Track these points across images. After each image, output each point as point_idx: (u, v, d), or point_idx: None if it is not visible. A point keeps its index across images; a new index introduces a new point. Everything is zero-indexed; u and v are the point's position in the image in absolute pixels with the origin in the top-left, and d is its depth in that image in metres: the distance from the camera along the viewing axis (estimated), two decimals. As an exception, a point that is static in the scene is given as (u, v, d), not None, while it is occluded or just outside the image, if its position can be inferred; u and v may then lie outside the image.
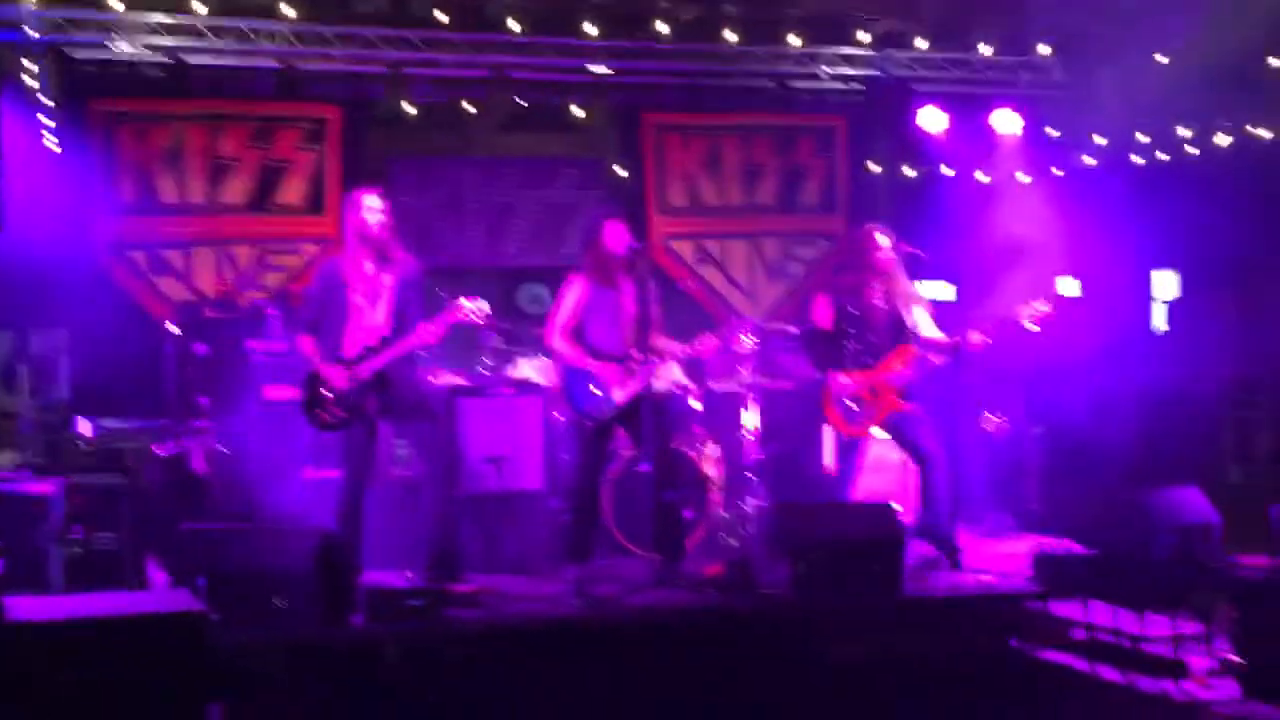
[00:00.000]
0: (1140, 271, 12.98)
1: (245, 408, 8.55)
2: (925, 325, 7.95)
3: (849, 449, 8.00)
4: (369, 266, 7.15)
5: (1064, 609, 7.64)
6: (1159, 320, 13.13)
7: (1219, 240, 11.86)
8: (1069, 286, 12.09)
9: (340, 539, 6.79)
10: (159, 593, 6.09)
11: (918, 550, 7.48)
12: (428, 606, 6.26)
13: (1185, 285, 12.97)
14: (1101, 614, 7.42)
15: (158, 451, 8.38)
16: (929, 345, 7.86)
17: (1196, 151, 12.07)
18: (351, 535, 7.08)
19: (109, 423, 9.99)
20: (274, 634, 6.03)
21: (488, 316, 7.04)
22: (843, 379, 7.83)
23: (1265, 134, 11.55)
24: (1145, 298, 13.15)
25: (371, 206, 7.13)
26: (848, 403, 7.84)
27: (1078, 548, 7.21)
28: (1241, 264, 12.36)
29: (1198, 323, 12.67)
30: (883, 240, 7.93)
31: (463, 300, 6.98)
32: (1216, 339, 12.48)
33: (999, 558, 7.82)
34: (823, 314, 7.99)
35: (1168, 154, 12.30)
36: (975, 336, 7.65)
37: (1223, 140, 11.94)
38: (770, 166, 12.10)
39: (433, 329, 6.98)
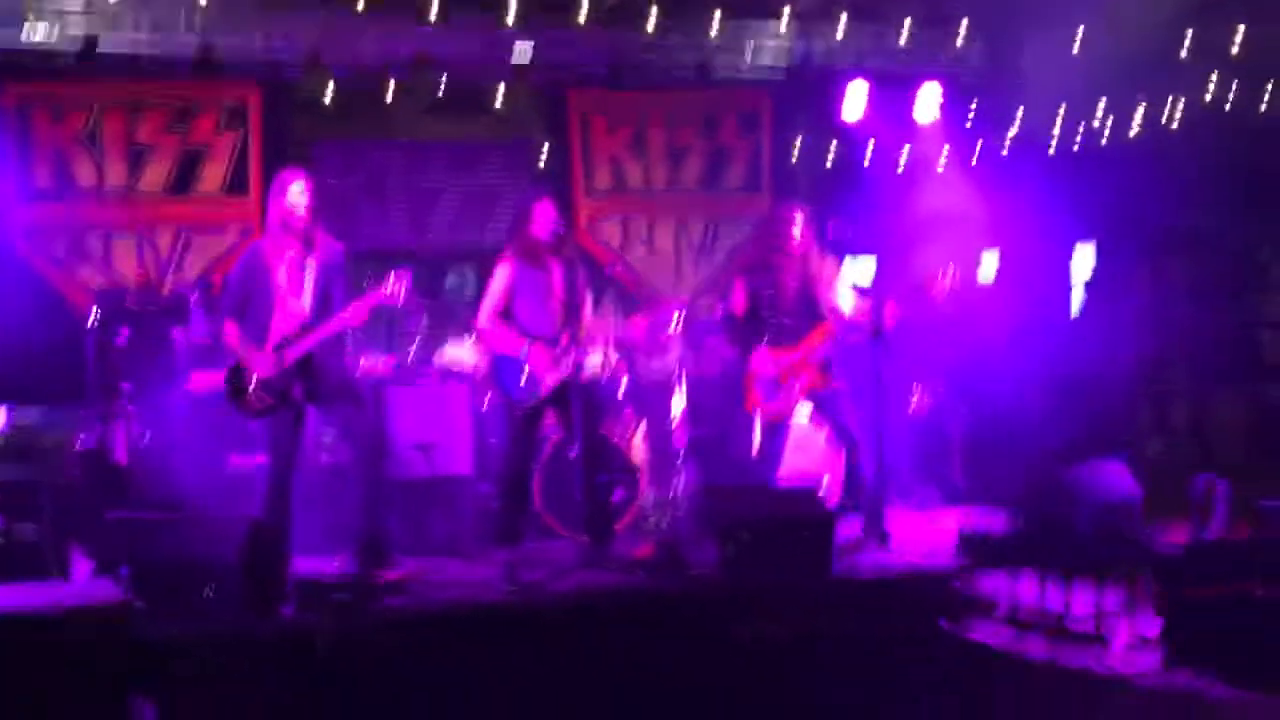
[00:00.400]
0: (1061, 248, 13.13)
1: (168, 396, 8.44)
2: (845, 302, 7.99)
3: (773, 430, 8.04)
4: (292, 251, 7.07)
5: (991, 585, 7.75)
6: (1078, 300, 13.31)
7: (1135, 216, 12.05)
8: (990, 260, 12.24)
9: (268, 527, 6.72)
10: (81, 584, 6.00)
11: (844, 530, 7.52)
12: (355, 594, 6.21)
13: (1101, 260, 13.14)
14: (1028, 588, 7.53)
15: (79, 440, 8.25)
16: (846, 322, 7.91)
17: (1111, 129, 12.23)
18: (279, 523, 7.02)
19: (26, 412, 9.85)
20: (201, 625, 5.94)
21: (409, 295, 6.98)
22: (762, 360, 7.86)
23: (1181, 111, 11.73)
24: (1065, 276, 13.32)
25: (297, 191, 7.04)
26: (768, 384, 7.86)
27: (1003, 523, 7.26)
28: (1156, 239, 12.57)
29: (1114, 298, 12.86)
30: (796, 220, 7.95)
31: (388, 281, 6.93)
32: (1132, 314, 12.68)
33: (926, 534, 7.89)
34: (738, 298, 8.01)
35: (1086, 132, 12.45)
36: (889, 310, 7.70)
37: (1140, 117, 12.11)
38: (695, 148, 12.11)
39: (356, 311, 6.92)
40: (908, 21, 12.03)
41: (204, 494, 7.96)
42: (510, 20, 10.98)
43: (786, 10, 11.70)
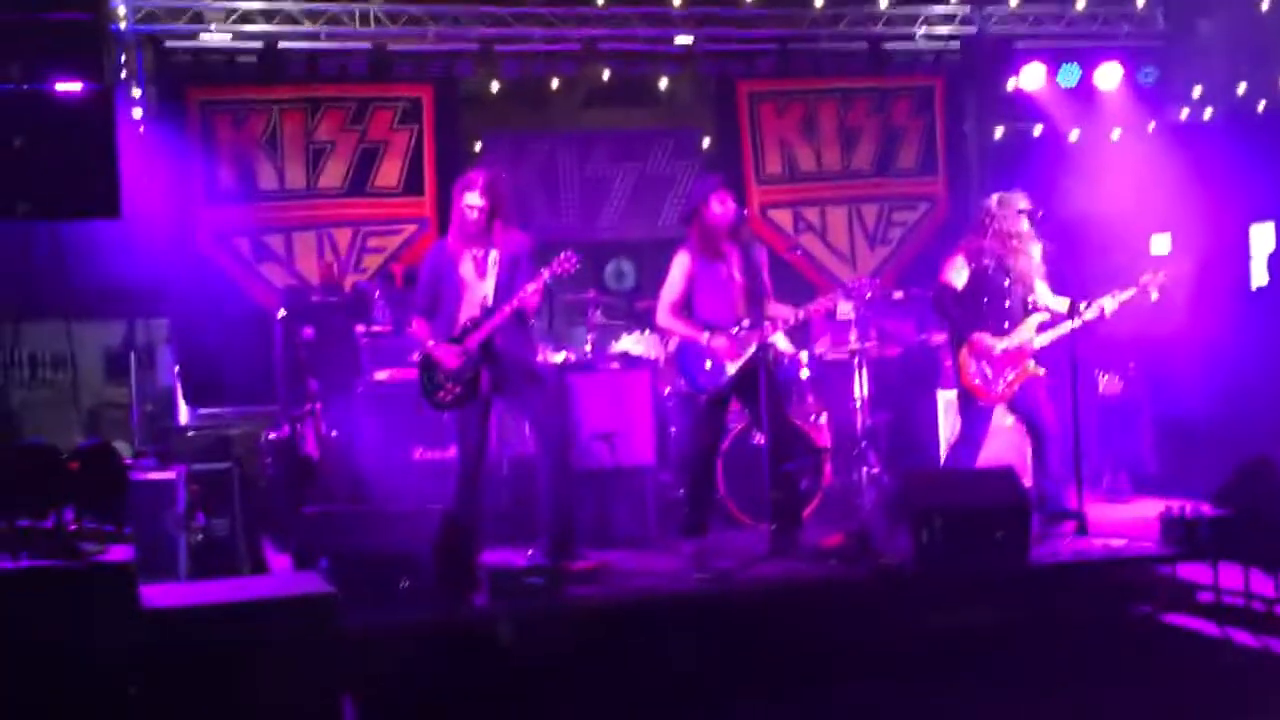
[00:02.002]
0: (1239, 226, 12.69)
1: (354, 391, 8.56)
2: (1044, 292, 7.78)
3: (978, 415, 7.80)
4: (475, 248, 7.11)
5: (1192, 572, 7.48)
6: (1259, 275, 12.85)
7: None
8: (1162, 244, 11.87)
9: (459, 518, 6.75)
10: (286, 576, 6.10)
11: (1038, 517, 7.31)
12: (548, 584, 6.21)
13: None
14: (1232, 577, 7.26)
15: (269, 436, 8.42)
16: (1058, 314, 7.69)
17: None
18: (469, 514, 7.06)
19: (214, 410, 10.12)
20: (397, 615, 6.00)
21: (575, 261, 6.95)
22: (989, 342, 7.65)
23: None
24: (1244, 253, 12.87)
25: (469, 202, 7.07)
26: (988, 368, 7.66)
27: (1206, 509, 6.99)
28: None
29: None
30: (1025, 205, 7.73)
31: (557, 259, 6.94)
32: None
33: (1123, 522, 7.64)
34: (957, 274, 7.78)
35: (1269, 102, 11.99)
36: (1109, 304, 7.48)
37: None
38: (867, 130, 11.93)
39: (533, 286, 6.91)
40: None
41: (391, 487, 8.07)
42: (675, 7, 10.96)
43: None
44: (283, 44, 10.48)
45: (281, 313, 8.90)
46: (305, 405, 8.24)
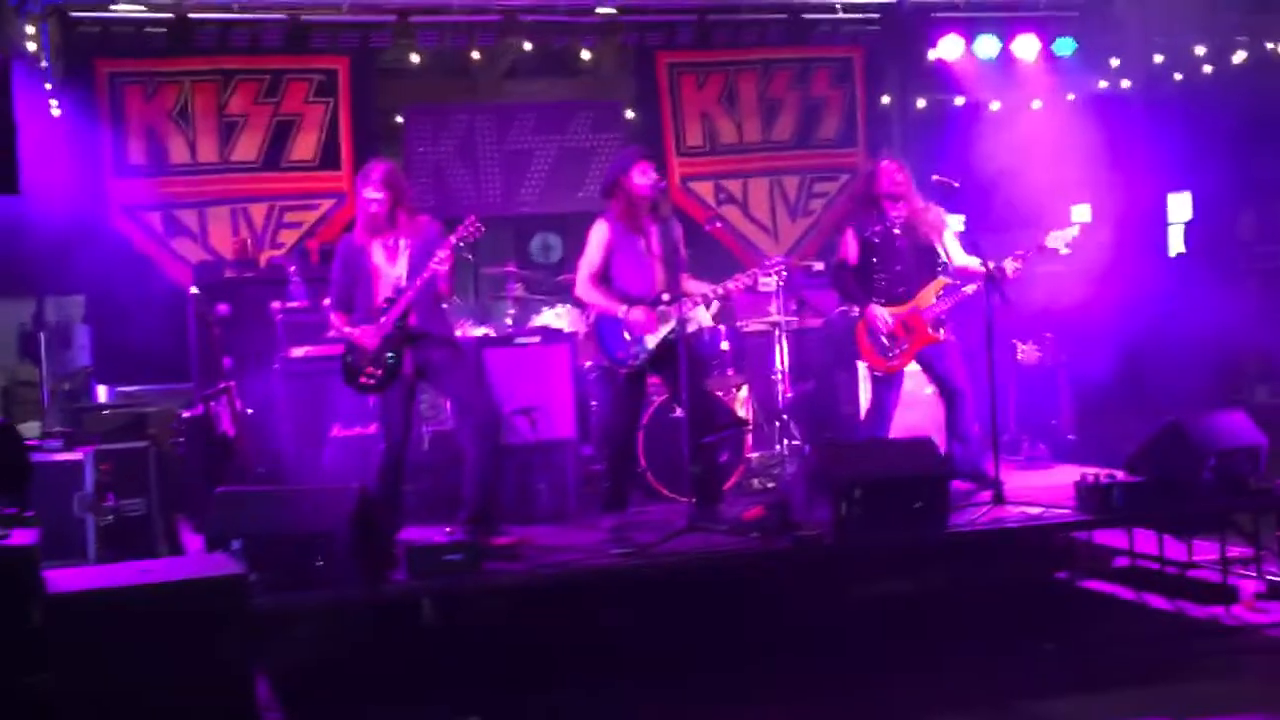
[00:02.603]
0: (1157, 195, 12.85)
1: (270, 368, 8.44)
2: (956, 254, 7.80)
3: (885, 385, 7.86)
4: (384, 235, 7.01)
5: (1108, 538, 7.59)
6: (1175, 243, 13.03)
7: (1234, 160, 11.72)
8: (1083, 213, 11.99)
9: (376, 495, 6.68)
10: (196, 558, 6.00)
11: (955, 485, 7.34)
12: (467, 561, 6.15)
13: (1199, 207, 12.85)
14: (1147, 542, 7.36)
15: (183, 415, 8.28)
16: (962, 274, 7.72)
17: (1215, 69, 11.90)
18: (391, 493, 6.99)
19: (130, 388, 9.95)
20: (314, 595, 5.93)
21: (477, 226, 6.87)
22: (877, 313, 7.68)
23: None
24: (1161, 221, 13.04)
25: (369, 198, 6.96)
26: (882, 338, 7.70)
27: (1120, 475, 7.07)
28: (1257, 183, 12.22)
29: (1213, 244, 12.56)
30: (897, 170, 7.75)
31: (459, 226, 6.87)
32: (1231, 260, 12.37)
33: (1040, 489, 7.70)
34: (849, 248, 7.82)
35: (1184, 74, 12.12)
36: (1009, 264, 7.49)
37: (1240, 58, 11.77)
38: (788, 101, 11.91)
39: (441, 255, 6.80)
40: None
41: (309, 464, 8.00)
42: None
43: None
44: (193, 15, 10.24)
45: (194, 289, 8.74)
46: (219, 383, 8.10)
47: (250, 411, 8.29)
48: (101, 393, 10.29)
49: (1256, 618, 6.70)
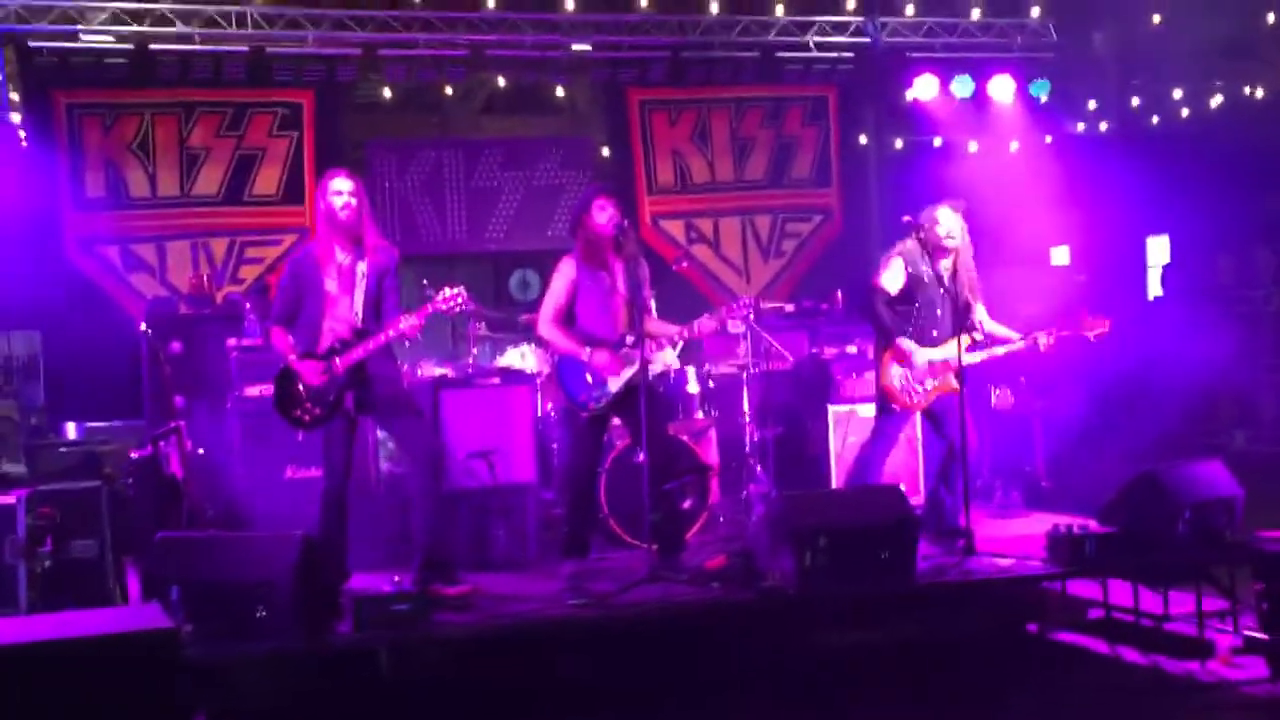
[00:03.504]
0: (1135, 238, 12.77)
1: (223, 407, 8.22)
2: (985, 317, 7.64)
3: (893, 419, 7.63)
4: (342, 255, 6.79)
5: (1082, 589, 7.39)
6: (1154, 287, 12.94)
7: (1212, 204, 11.63)
8: (1061, 255, 11.89)
9: (323, 543, 6.46)
10: (127, 610, 5.77)
11: (925, 536, 7.15)
12: (415, 611, 5.93)
13: (1177, 250, 12.76)
14: (1122, 593, 7.17)
15: (132, 455, 8.05)
16: (995, 339, 7.55)
17: (1191, 112, 11.84)
18: (335, 538, 6.75)
19: (99, 424, 9.72)
20: (254, 646, 5.69)
21: (467, 301, 6.69)
22: (911, 348, 7.47)
23: (1260, 94, 11.34)
24: (1140, 264, 12.95)
25: (339, 190, 6.74)
26: (910, 374, 7.49)
27: (1093, 526, 6.89)
28: (1235, 227, 12.13)
29: (1192, 288, 12.45)
30: (957, 216, 7.56)
31: (444, 290, 6.65)
32: (1211, 303, 12.25)
33: (1012, 538, 7.51)
34: (893, 278, 7.59)
35: (1161, 118, 12.06)
36: (1043, 339, 7.41)
37: (1217, 102, 11.71)
38: (760, 140, 11.82)
39: (412, 321, 6.62)
40: (976, 6, 11.70)
41: (261, 508, 7.75)
42: (567, 12, 10.75)
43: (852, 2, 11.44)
44: (154, 45, 10.07)
45: (143, 325, 8.52)
46: (169, 422, 7.87)
47: (201, 452, 8.07)
48: (70, 429, 10.04)
49: (1233, 674, 6.51)
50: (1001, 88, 11.57)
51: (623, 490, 7.82)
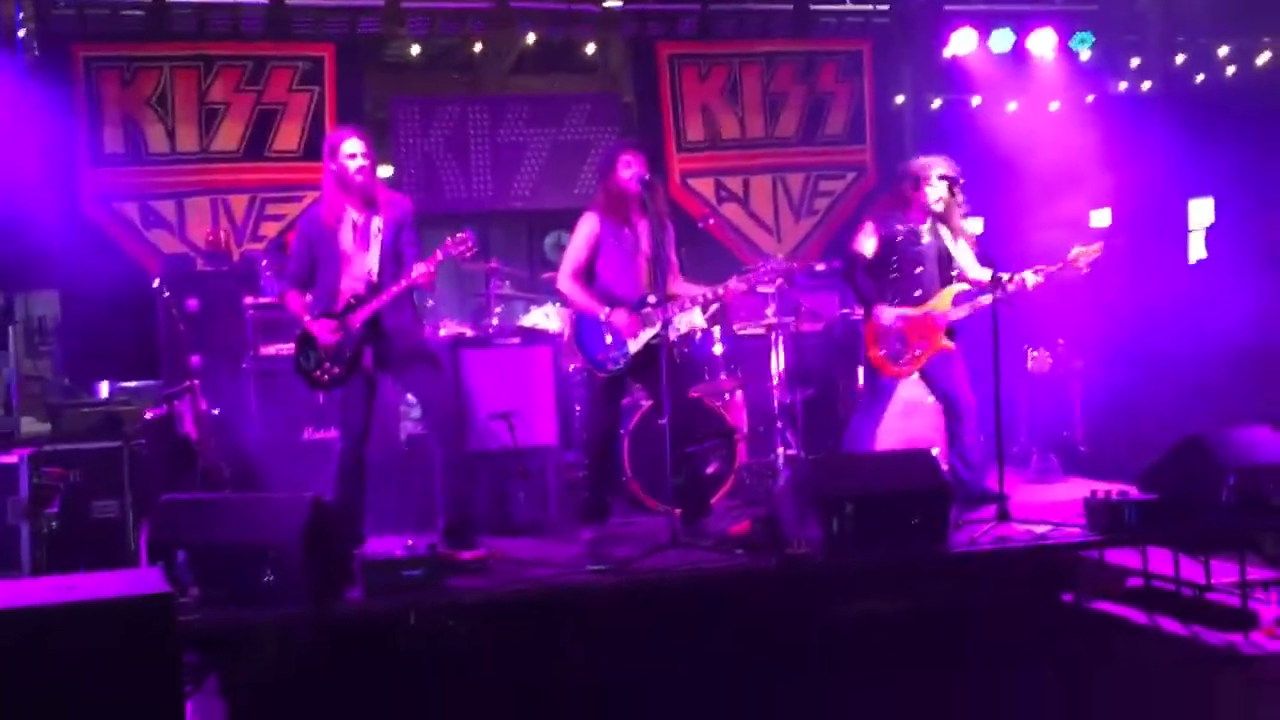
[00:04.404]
0: (1177, 200, 12.47)
1: (239, 365, 8.07)
2: (969, 263, 7.37)
3: (880, 390, 7.43)
4: (355, 213, 6.59)
5: (1120, 557, 7.19)
6: (1196, 249, 12.64)
7: (1258, 164, 11.31)
8: (1102, 218, 11.60)
9: (335, 506, 6.32)
10: (125, 574, 5.59)
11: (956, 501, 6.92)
12: (427, 577, 5.75)
13: (1221, 212, 12.45)
14: (1162, 561, 6.96)
15: (146, 415, 7.91)
16: (979, 285, 7.28)
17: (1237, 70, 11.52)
18: (351, 501, 6.62)
19: (123, 385, 9.62)
20: (261, 612, 5.53)
21: (474, 249, 6.49)
22: (889, 314, 7.24)
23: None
24: (1182, 226, 12.65)
25: (353, 152, 6.54)
26: (894, 340, 7.26)
27: (1133, 492, 6.65)
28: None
29: (1241, 249, 12.14)
30: (946, 170, 7.29)
31: (454, 235, 6.45)
32: (1255, 265, 11.94)
33: (1048, 504, 7.29)
34: (866, 242, 7.35)
35: (1207, 75, 11.73)
36: (1030, 277, 7.11)
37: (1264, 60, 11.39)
38: (792, 96, 11.54)
39: (423, 268, 6.42)
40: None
41: (277, 469, 7.62)
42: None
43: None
44: (172, -2, 9.91)
45: (156, 282, 8.36)
46: (183, 382, 7.72)
47: (216, 412, 7.91)
48: (104, 389, 9.93)
49: (1277, 646, 6.28)
50: (1042, 42, 11.24)
51: (646, 453, 7.61)
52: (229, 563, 5.57)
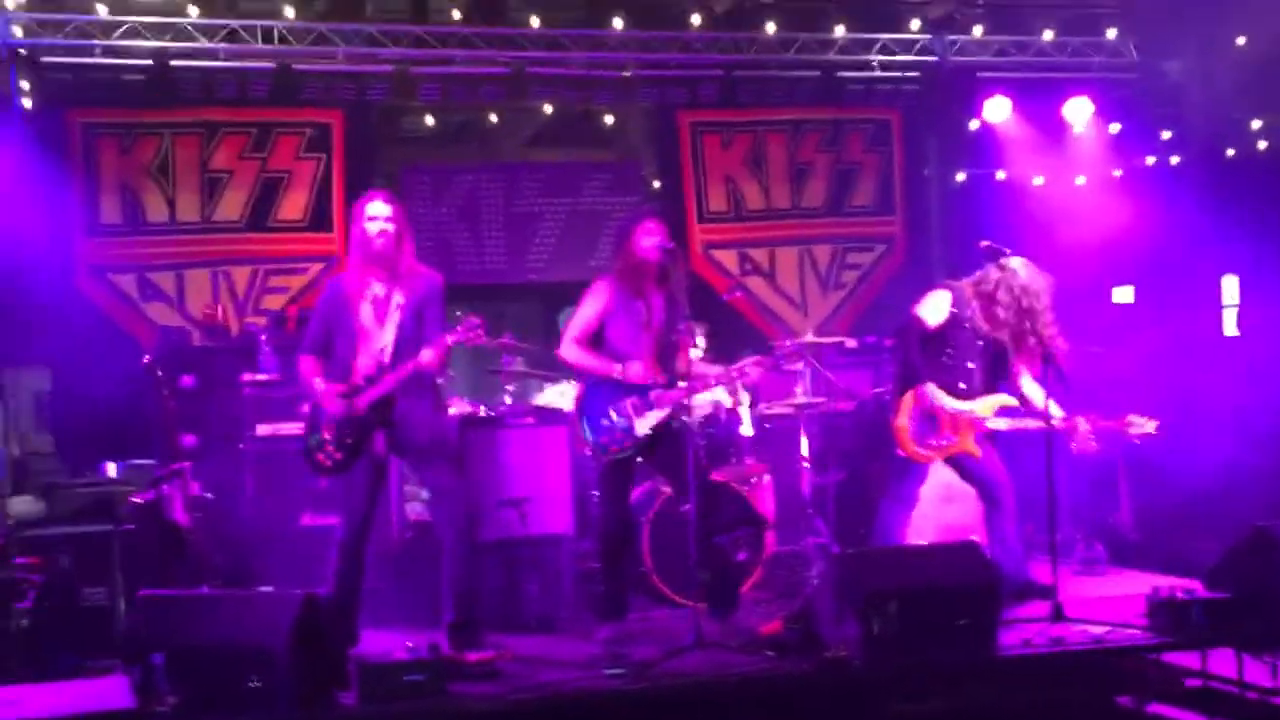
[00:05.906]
0: (1210, 277, 12.08)
1: (236, 447, 7.64)
2: (1026, 382, 6.88)
3: (910, 472, 6.92)
4: (378, 285, 6.14)
5: (1179, 656, 6.67)
6: (1230, 326, 12.24)
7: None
8: (1125, 295, 11.14)
9: (330, 601, 5.85)
10: (86, 686, 5.11)
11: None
12: (430, 682, 5.26)
13: (1247, 290, 12.06)
14: (1224, 662, 6.46)
15: (134, 499, 7.44)
16: (1030, 409, 6.80)
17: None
18: (349, 594, 6.15)
19: (138, 462, 9.22)
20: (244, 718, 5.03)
21: (483, 335, 6.06)
22: (937, 395, 6.73)
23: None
24: (1215, 303, 12.26)
25: (374, 215, 6.12)
26: (924, 420, 6.76)
27: (1199, 589, 6.15)
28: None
29: (1268, 327, 11.74)
30: (1030, 272, 6.83)
31: (462, 320, 6.02)
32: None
33: (1100, 600, 6.79)
34: (935, 313, 6.85)
35: (1238, 149, 11.36)
36: (1082, 424, 6.73)
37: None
38: (819, 165, 11.23)
39: (428, 354, 5.96)
40: (1048, 26, 11.08)
41: (272, 556, 7.19)
42: (615, 30, 10.17)
43: (915, 19, 10.83)
44: (176, 62, 9.56)
45: (146, 358, 7.92)
46: (175, 463, 7.27)
47: (210, 496, 7.46)
48: (111, 469, 9.51)
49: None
50: (1078, 110, 10.87)
51: (668, 543, 7.13)
52: (211, 666, 5.13)
